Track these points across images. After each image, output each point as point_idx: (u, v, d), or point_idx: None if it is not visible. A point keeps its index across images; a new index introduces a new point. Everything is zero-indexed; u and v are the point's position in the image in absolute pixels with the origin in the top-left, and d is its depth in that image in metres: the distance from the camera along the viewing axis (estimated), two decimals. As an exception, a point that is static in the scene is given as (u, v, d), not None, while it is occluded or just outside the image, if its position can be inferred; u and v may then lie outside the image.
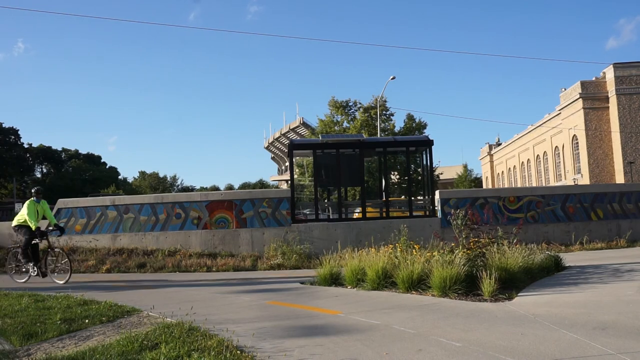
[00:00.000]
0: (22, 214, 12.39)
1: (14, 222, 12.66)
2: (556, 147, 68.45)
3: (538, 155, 75.89)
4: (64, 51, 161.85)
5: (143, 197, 20.58)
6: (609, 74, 56.96)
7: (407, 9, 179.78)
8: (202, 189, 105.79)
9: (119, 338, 5.65)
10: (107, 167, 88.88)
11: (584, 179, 56.74)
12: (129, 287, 11.11)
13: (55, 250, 12.51)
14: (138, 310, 7.62)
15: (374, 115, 43.00)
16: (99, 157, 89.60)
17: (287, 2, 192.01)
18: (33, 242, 12.36)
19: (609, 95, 56.80)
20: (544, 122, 70.68)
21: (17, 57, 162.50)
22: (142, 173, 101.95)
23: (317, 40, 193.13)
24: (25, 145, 76.95)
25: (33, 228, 12.08)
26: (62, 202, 18.61)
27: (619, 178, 54.48)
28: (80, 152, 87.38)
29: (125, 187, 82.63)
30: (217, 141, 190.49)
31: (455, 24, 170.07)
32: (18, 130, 74.75)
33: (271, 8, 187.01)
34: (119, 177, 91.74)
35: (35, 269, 12.18)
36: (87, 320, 6.80)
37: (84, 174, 79.40)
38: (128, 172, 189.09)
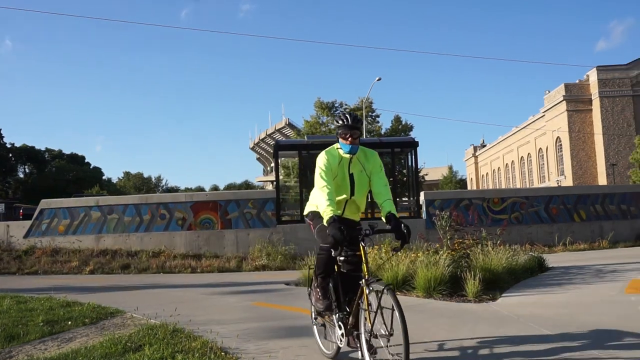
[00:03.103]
0: None
1: (307, 207, 5.08)
2: (540, 148, 69.06)
3: (522, 156, 76.50)
4: (50, 50, 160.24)
5: (127, 197, 20.50)
6: (593, 76, 57.58)
7: (394, 10, 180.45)
8: (187, 189, 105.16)
9: (102, 340, 5.60)
10: (91, 167, 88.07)
11: (567, 181, 57.28)
12: (113, 289, 11.02)
13: (371, 285, 4.16)
14: (122, 312, 7.57)
15: (360, 117, 43.11)
16: (83, 157, 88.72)
17: (275, 2, 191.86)
18: (341, 258, 4.52)
19: (593, 98, 57.41)
20: (528, 124, 71.28)
21: (4, 55, 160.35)
22: (127, 173, 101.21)
23: (303, 41, 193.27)
24: (8, 145, 76.08)
25: (324, 219, 4.35)
26: (45, 203, 18.44)
27: (602, 180, 55.07)
28: (64, 152, 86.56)
29: (110, 188, 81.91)
30: (202, 142, 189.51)
31: (442, 26, 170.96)
32: (0, 129, 74.01)
33: (261, 7, 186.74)
34: (103, 177, 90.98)
35: (342, 330, 4.53)
36: (69, 322, 6.74)
37: (67, 174, 78.55)
38: (112, 173, 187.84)
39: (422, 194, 18.77)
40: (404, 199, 22.37)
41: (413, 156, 19.46)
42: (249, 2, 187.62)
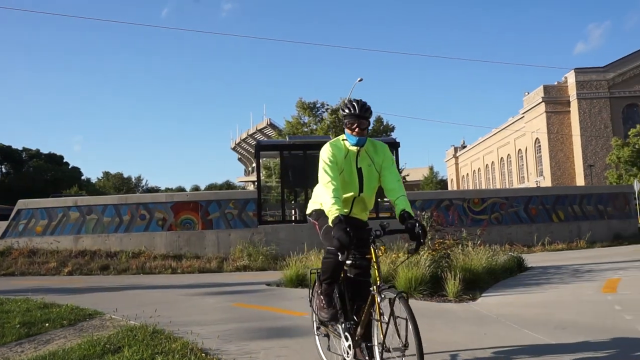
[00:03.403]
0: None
1: (310, 206, 4.49)
2: (519, 149, 69.79)
3: (502, 157, 77.24)
4: (27, 50, 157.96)
5: (106, 197, 20.30)
6: (571, 78, 58.39)
7: (376, 11, 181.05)
8: (167, 189, 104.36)
9: (81, 342, 5.53)
10: (69, 167, 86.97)
11: (546, 182, 57.98)
12: (92, 290, 10.90)
13: (384, 292, 3.67)
14: (100, 313, 7.48)
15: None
16: (61, 157, 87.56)
17: (257, 2, 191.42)
18: (348, 262, 4.14)
19: (571, 100, 58.19)
20: (508, 125, 72.03)
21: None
22: (106, 173, 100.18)
23: (285, 41, 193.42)
24: (-17, 144, 74.93)
25: (330, 219, 3.83)
26: (22, 203, 18.18)
27: (580, 180, 55.85)
28: (41, 151, 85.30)
29: (89, 188, 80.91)
30: (183, 142, 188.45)
31: (424, 27, 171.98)
32: (-24, 128, 72.95)
33: (243, 7, 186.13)
34: (82, 177, 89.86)
35: (349, 341, 4.05)
36: (47, 324, 6.64)
37: (45, 174, 77.48)
38: (92, 173, 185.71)
39: (403, 194, 18.85)
40: (385, 199, 22.44)
41: (394, 157, 19.52)
42: (231, 1, 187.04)
